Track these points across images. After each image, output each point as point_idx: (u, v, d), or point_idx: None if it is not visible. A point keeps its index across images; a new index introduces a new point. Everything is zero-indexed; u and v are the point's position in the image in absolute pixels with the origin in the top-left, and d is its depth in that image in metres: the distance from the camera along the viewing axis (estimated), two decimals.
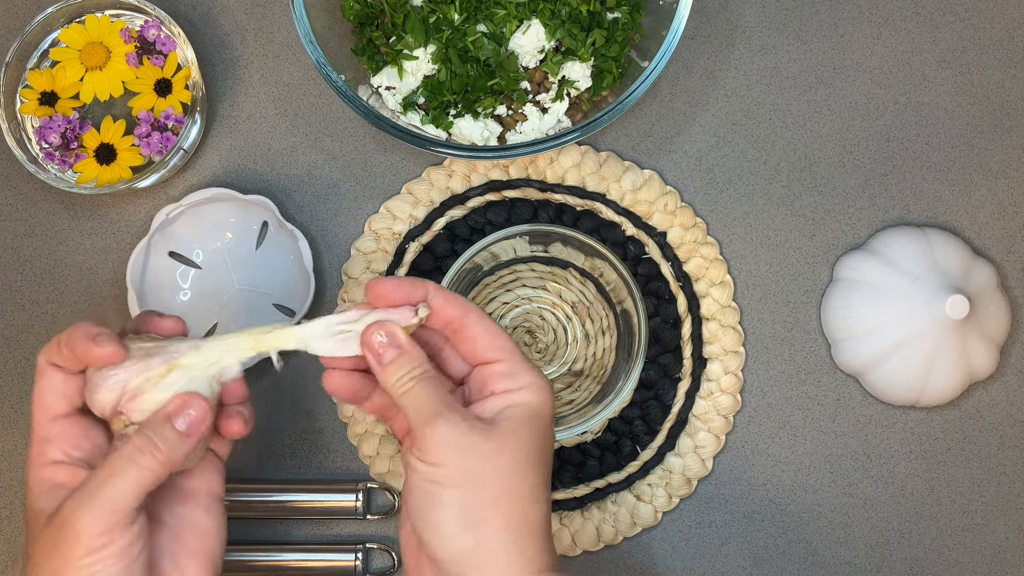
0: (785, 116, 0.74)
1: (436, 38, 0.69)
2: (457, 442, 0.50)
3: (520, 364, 0.52)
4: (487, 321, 0.53)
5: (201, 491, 0.54)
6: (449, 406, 0.51)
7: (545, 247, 0.71)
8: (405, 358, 0.52)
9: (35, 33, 0.71)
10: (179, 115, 0.71)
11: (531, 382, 0.52)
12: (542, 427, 0.52)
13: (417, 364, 0.52)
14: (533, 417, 0.52)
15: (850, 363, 0.71)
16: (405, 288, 0.53)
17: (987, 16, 0.75)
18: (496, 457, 0.50)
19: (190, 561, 0.52)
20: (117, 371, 0.51)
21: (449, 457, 0.50)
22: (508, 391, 0.52)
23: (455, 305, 0.53)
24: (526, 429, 0.51)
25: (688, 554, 0.72)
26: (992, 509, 0.72)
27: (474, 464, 0.50)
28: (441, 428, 0.50)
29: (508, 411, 0.51)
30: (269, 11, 0.75)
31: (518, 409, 0.51)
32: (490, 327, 0.53)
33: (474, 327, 0.53)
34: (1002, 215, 0.74)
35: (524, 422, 0.51)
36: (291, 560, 0.70)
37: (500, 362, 0.53)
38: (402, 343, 0.52)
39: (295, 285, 0.72)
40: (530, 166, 0.73)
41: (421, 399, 0.51)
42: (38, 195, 0.74)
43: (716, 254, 0.73)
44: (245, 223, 0.72)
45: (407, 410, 0.51)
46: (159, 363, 0.51)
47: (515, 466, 0.50)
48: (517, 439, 0.51)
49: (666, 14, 0.67)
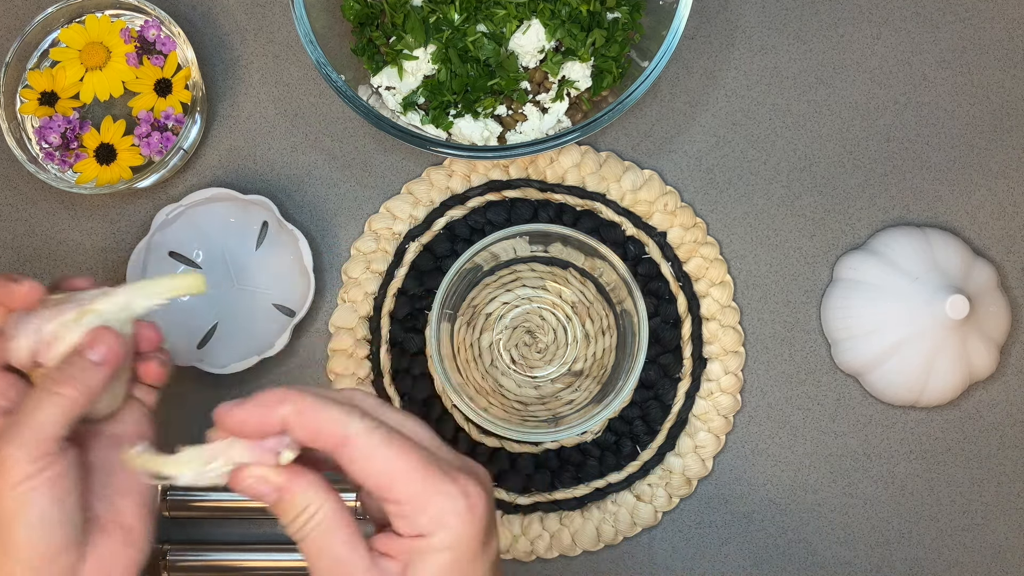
0: (785, 116, 0.74)
1: (436, 38, 0.69)
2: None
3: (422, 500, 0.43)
4: (371, 444, 0.44)
5: (131, 435, 0.55)
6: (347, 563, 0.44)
7: (545, 247, 0.71)
8: (283, 504, 0.45)
9: (35, 33, 0.71)
10: (179, 115, 0.71)
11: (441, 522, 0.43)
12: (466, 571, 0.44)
13: (305, 506, 0.45)
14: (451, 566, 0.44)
15: (850, 363, 0.71)
16: (259, 414, 0.45)
17: (987, 16, 0.75)
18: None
19: (123, 500, 0.53)
20: (31, 318, 0.52)
21: None
22: (418, 536, 0.44)
23: (328, 427, 0.44)
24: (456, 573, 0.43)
25: (688, 554, 0.72)
26: (992, 509, 0.72)
27: None
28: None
29: (419, 562, 0.43)
30: (269, 11, 0.75)
31: (428, 562, 0.43)
32: (373, 455, 0.44)
33: (353, 457, 0.44)
34: (1002, 215, 0.74)
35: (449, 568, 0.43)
36: (291, 560, 0.70)
37: (395, 503, 0.44)
38: (278, 483, 0.46)
39: (295, 285, 0.72)
40: (530, 166, 0.73)
41: (318, 558, 0.45)
42: (38, 195, 0.74)
43: (716, 254, 0.73)
44: (245, 223, 0.72)
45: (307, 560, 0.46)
46: (71, 308, 0.53)
47: None
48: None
49: (666, 14, 0.67)
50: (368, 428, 0.44)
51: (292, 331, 0.70)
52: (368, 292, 0.73)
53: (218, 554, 0.70)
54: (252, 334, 0.72)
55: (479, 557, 0.44)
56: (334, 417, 0.44)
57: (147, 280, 0.55)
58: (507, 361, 0.72)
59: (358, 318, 0.73)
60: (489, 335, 0.72)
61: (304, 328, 0.73)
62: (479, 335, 0.72)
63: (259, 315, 0.72)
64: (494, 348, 0.72)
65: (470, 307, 0.72)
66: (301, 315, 0.70)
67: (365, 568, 0.44)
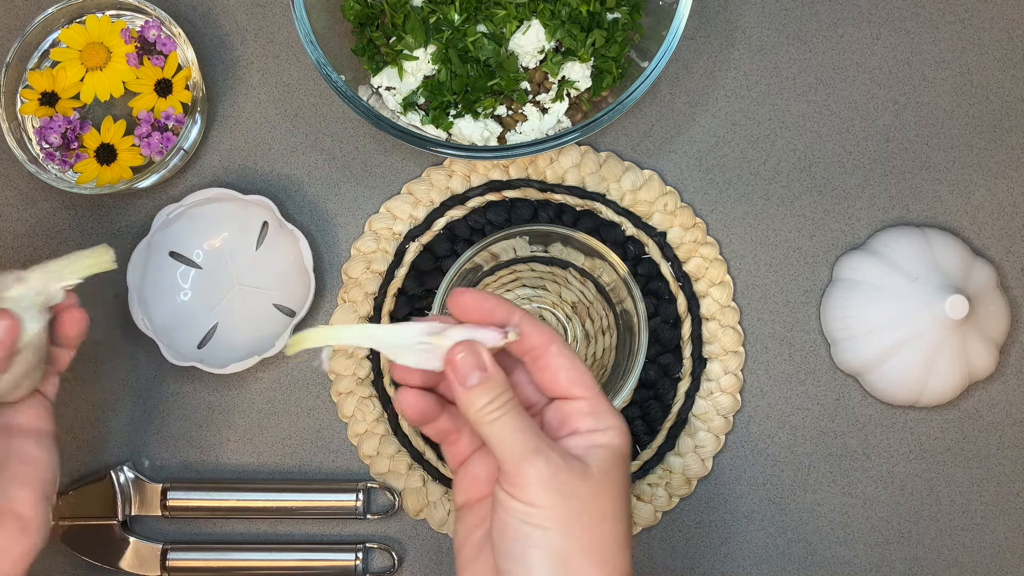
0: (785, 116, 0.74)
1: (436, 38, 0.69)
2: (556, 482, 0.47)
3: (603, 403, 0.50)
4: (570, 353, 0.51)
5: (30, 426, 0.57)
6: (546, 442, 0.48)
7: (545, 247, 0.71)
8: (490, 383, 0.49)
9: (35, 33, 0.71)
10: (179, 115, 0.71)
11: (614, 424, 0.50)
12: (627, 474, 0.50)
13: (502, 391, 0.49)
14: (620, 461, 0.49)
15: (850, 363, 0.71)
16: (489, 305, 0.50)
17: (986, 17, 0.75)
18: (593, 501, 0.48)
19: (19, 489, 0.55)
20: None
21: (547, 498, 0.47)
22: (592, 431, 0.50)
23: (539, 332, 0.50)
24: (615, 472, 0.49)
25: (688, 554, 0.72)
26: (992, 509, 0.72)
27: (571, 507, 0.47)
28: (540, 466, 0.47)
29: (595, 452, 0.49)
30: (269, 11, 0.75)
31: (604, 451, 0.49)
32: (574, 361, 0.50)
33: (557, 358, 0.50)
34: (1002, 215, 0.74)
35: (613, 465, 0.49)
36: (291, 560, 0.70)
37: (583, 399, 0.50)
38: (487, 366, 0.49)
39: (295, 285, 0.72)
40: (530, 166, 0.74)
41: (511, 432, 0.48)
42: (38, 195, 0.74)
43: (716, 254, 0.73)
44: (245, 223, 0.73)
45: (494, 441, 0.49)
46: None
47: (609, 512, 0.48)
48: (610, 483, 0.49)
49: (666, 14, 0.67)
50: (566, 344, 0.51)
51: (292, 331, 0.70)
52: (368, 292, 0.73)
53: (218, 554, 0.70)
54: (252, 334, 0.72)
55: (628, 464, 0.51)
56: (545, 330, 0.51)
57: (57, 260, 0.56)
58: None
59: (358, 318, 0.73)
60: None
61: (304, 328, 0.73)
62: None
63: (259, 315, 0.72)
64: None
65: None
66: (301, 315, 0.70)
67: (558, 445, 0.49)
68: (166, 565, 0.70)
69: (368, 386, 0.73)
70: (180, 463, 0.73)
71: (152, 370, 0.73)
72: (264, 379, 0.73)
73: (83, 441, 0.73)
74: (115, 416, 0.73)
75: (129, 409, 0.73)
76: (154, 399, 0.73)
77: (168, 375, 0.73)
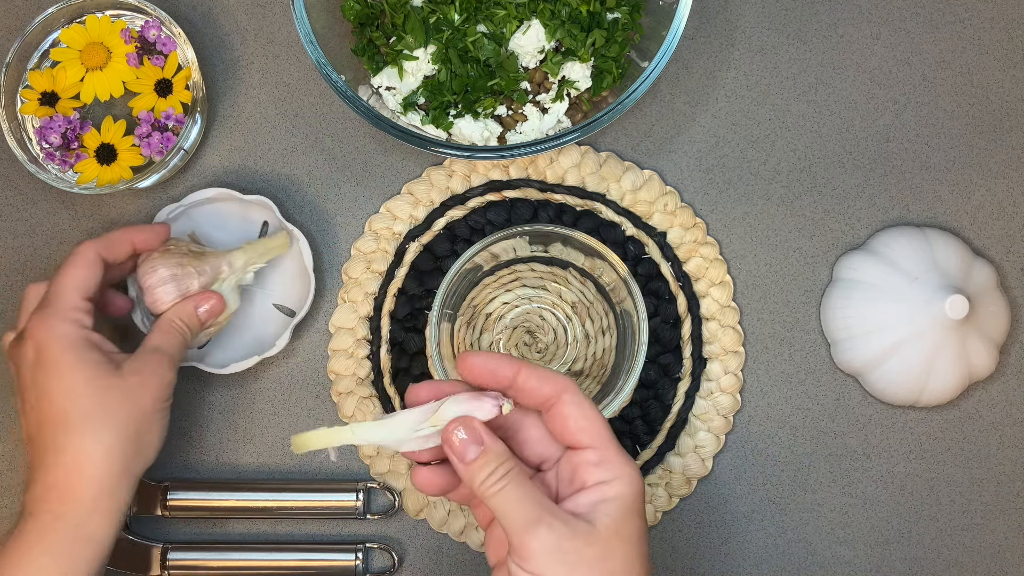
0: (785, 116, 0.74)
1: (436, 38, 0.69)
2: (560, 551, 0.47)
3: (612, 452, 0.50)
4: (582, 401, 0.51)
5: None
6: (548, 510, 0.48)
7: (545, 247, 0.71)
8: (489, 456, 0.50)
9: (35, 33, 0.71)
10: (179, 115, 0.71)
11: (624, 473, 0.50)
12: (640, 524, 0.50)
13: (501, 461, 0.50)
14: (630, 513, 0.49)
15: (850, 363, 0.71)
16: (492, 364, 0.51)
17: (986, 17, 0.75)
18: (600, 563, 0.48)
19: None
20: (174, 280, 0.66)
21: (553, 569, 0.47)
22: (600, 483, 0.50)
23: (551, 382, 0.51)
24: (626, 529, 0.49)
25: (688, 554, 0.72)
26: (991, 509, 0.72)
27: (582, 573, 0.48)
28: (543, 536, 0.47)
29: (603, 507, 0.49)
30: (269, 11, 0.75)
31: (613, 505, 0.49)
32: (584, 409, 0.51)
33: (568, 406, 0.51)
34: (1002, 215, 0.74)
35: (623, 520, 0.49)
36: (291, 560, 0.70)
37: (591, 449, 0.50)
38: (484, 439, 0.50)
39: (295, 285, 0.72)
40: (530, 166, 0.74)
41: (514, 503, 0.49)
42: (39, 195, 0.74)
43: (716, 254, 0.73)
44: (245, 223, 0.73)
45: (498, 514, 0.49)
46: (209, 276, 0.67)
47: (619, 570, 0.48)
48: (619, 542, 0.49)
49: (666, 14, 0.67)
50: (578, 391, 0.51)
51: (292, 331, 0.70)
52: (368, 292, 0.73)
53: (218, 554, 0.70)
54: (252, 334, 0.72)
55: (642, 512, 0.50)
56: (556, 380, 0.51)
57: (246, 246, 0.68)
58: None
59: (358, 318, 0.73)
60: (489, 335, 0.72)
61: (304, 328, 0.73)
62: (479, 335, 0.73)
63: (259, 315, 0.72)
64: (494, 348, 0.72)
65: (470, 307, 0.73)
66: (301, 315, 0.70)
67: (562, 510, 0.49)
68: (166, 565, 0.70)
69: (368, 386, 0.73)
70: (180, 463, 0.73)
71: None
72: (264, 379, 0.73)
73: None
74: None
75: None
76: None
77: None
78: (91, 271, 0.63)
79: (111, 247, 0.64)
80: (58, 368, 0.59)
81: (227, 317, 0.68)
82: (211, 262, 0.67)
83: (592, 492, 0.50)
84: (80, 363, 0.60)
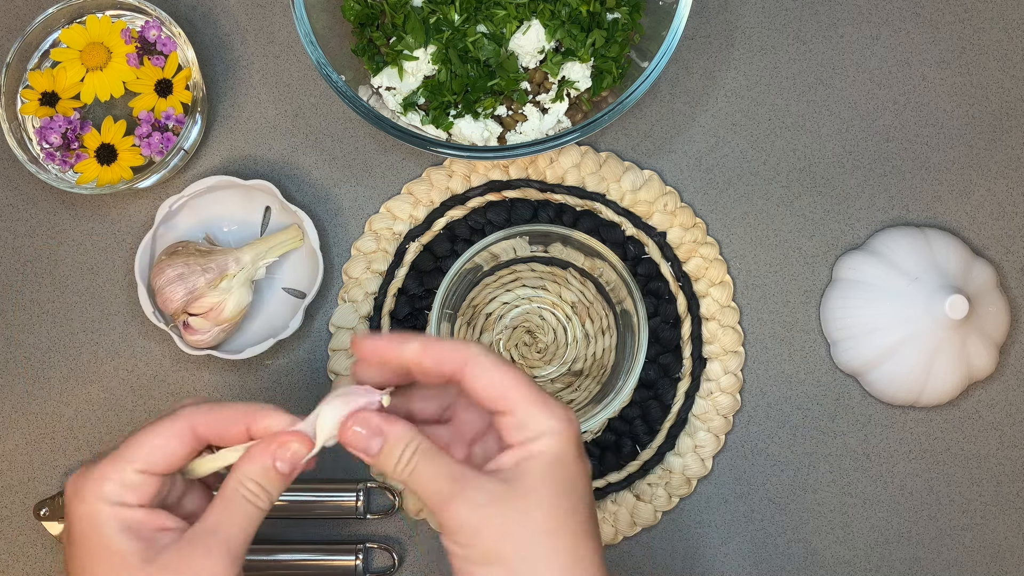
0: (785, 116, 0.74)
1: (436, 38, 0.69)
2: (481, 516, 0.47)
3: (535, 409, 0.48)
4: (489, 363, 0.48)
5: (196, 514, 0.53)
6: (460, 479, 0.47)
7: (545, 247, 0.71)
8: (391, 442, 0.48)
9: (36, 33, 0.71)
10: (180, 115, 0.71)
11: (547, 428, 0.48)
12: (568, 473, 0.48)
13: (407, 442, 0.48)
14: (555, 465, 0.48)
15: (849, 363, 0.71)
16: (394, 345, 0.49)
17: (986, 17, 0.75)
18: (526, 521, 0.47)
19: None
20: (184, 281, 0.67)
21: (478, 535, 0.46)
22: (524, 442, 0.48)
23: (451, 354, 0.49)
24: (550, 480, 0.47)
25: (688, 554, 0.72)
26: (991, 508, 0.73)
27: (505, 534, 0.47)
28: (460, 507, 0.47)
29: (525, 464, 0.48)
30: (269, 11, 0.75)
31: (535, 462, 0.48)
32: (493, 372, 0.48)
33: (475, 375, 0.48)
34: (1001, 215, 0.74)
35: (546, 474, 0.47)
36: (291, 560, 0.70)
37: (507, 414, 0.48)
38: (382, 428, 0.48)
39: (303, 267, 0.72)
40: (530, 166, 0.74)
41: (428, 481, 0.48)
42: (39, 195, 0.74)
43: (716, 254, 0.73)
44: (248, 209, 0.73)
45: (417, 494, 0.48)
46: (215, 273, 0.67)
47: (549, 524, 0.47)
48: (547, 491, 0.47)
49: (666, 14, 0.67)
50: (485, 350, 0.49)
51: (304, 312, 0.70)
52: (368, 292, 0.73)
53: None
54: (264, 319, 0.72)
55: (578, 461, 0.49)
56: (456, 345, 0.49)
57: (257, 242, 0.70)
58: None
59: (358, 318, 0.73)
60: (489, 335, 0.73)
61: (316, 308, 0.73)
62: (479, 335, 0.73)
63: (270, 300, 0.73)
64: (494, 348, 0.72)
65: (470, 307, 0.73)
66: (312, 295, 0.70)
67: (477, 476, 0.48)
68: None
69: None
70: None
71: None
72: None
73: (83, 441, 0.73)
74: (115, 415, 0.73)
75: (129, 409, 0.73)
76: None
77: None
78: (172, 443, 0.49)
79: (217, 426, 0.50)
80: (79, 549, 0.49)
81: (241, 313, 0.69)
82: (217, 259, 0.68)
83: (517, 451, 0.48)
84: (102, 551, 0.48)
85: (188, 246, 0.69)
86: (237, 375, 0.73)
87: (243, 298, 0.69)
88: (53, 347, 0.73)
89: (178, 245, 0.69)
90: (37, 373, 0.73)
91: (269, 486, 0.49)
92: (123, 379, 0.73)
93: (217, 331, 0.69)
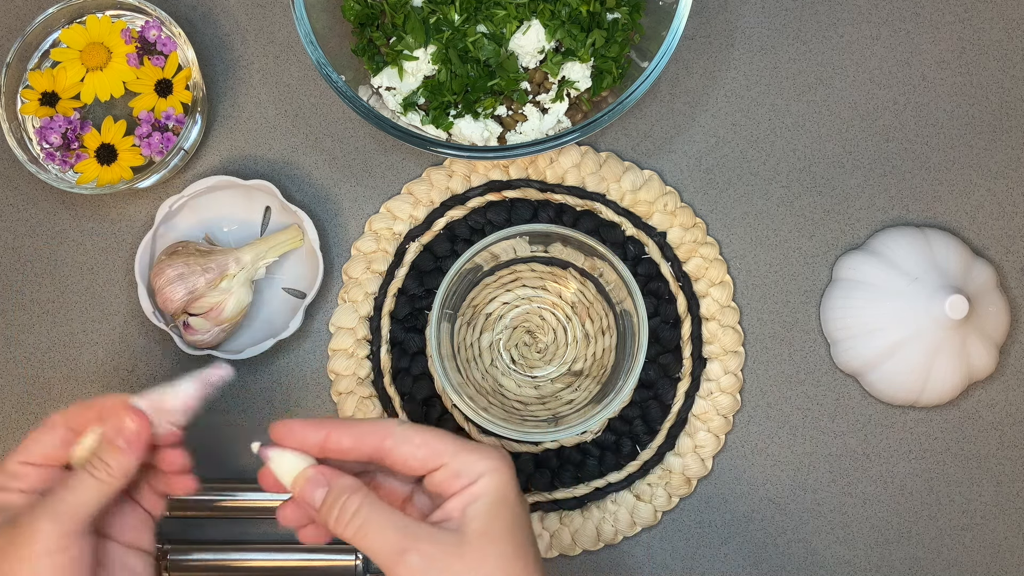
0: (785, 116, 0.74)
1: (436, 38, 0.69)
2: (438, 569, 0.48)
3: (465, 456, 0.50)
4: (409, 428, 0.51)
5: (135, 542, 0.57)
6: (412, 535, 0.48)
7: (545, 247, 0.71)
8: (333, 492, 0.50)
9: (36, 33, 0.71)
10: (180, 115, 0.71)
11: (484, 467, 0.50)
12: (511, 511, 0.50)
13: (350, 493, 0.50)
14: (499, 505, 0.49)
15: (849, 363, 0.71)
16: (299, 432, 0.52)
17: (986, 17, 0.75)
18: (481, 568, 0.48)
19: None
20: (182, 279, 0.67)
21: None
22: (465, 487, 0.50)
23: (368, 436, 0.51)
24: (497, 523, 0.49)
25: (688, 554, 0.72)
26: (991, 509, 0.73)
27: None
28: (412, 563, 0.48)
29: (472, 509, 0.49)
30: (269, 12, 0.75)
31: (480, 503, 0.49)
32: (414, 434, 0.50)
33: (398, 442, 0.50)
34: (1001, 215, 0.74)
35: (493, 516, 0.49)
36: (291, 560, 0.70)
37: (443, 467, 0.50)
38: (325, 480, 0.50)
39: (303, 266, 0.72)
40: (530, 166, 0.74)
41: (377, 534, 0.49)
42: (39, 195, 0.74)
43: (716, 254, 0.73)
44: (248, 209, 0.73)
45: (364, 550, 0.49)
46: (215, 273, 0.68)
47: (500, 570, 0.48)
48: (491, 542, 0.49)
49: (666, 14, 0.67)
50: (401, 421, 0.52)
51: (304, 312, 0.70)
52: (368, 292, 0.73)
53: (218, 554, 0.70)
54: (265, 319, 0.72)
55: (519, 498, 0.50)
56: (369, 425, 0.51)
57: (257, 242, 0.70)
58: (507, 361, 0.72)
59: (358, 318, 0.73)
60: (489, 335, 0.73)
61: (316, 308, 0.73)
62: (479, 335, 0.73)
63: (270, 300, 0.73)
64: (494, 348, 0.72)
65: (470, 307, 0.73)
66: (312, 295, 0.70)
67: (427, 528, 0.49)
68: (166, 565, 0.70)
69: (368, 386, 0.73)
70: None
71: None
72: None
73: None
74: None
75: None
76: None
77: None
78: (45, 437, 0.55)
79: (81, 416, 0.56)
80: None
81: (241, 312, 0.69)
82: (217, 259, 0.68)
83: (460, 496, 0.50)
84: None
85: (188, 246, 0.69)
86: (237, 375, 0.73)
87: (243, 298, 0.69)
88: (53, 347, 0.73)
89: (178, 245, 0.69)
90: (37, 373, 0.73)
91: (111, 460, 0.53)
92: (123, 379, 0.73)
93: (217, 331, 0.69)
